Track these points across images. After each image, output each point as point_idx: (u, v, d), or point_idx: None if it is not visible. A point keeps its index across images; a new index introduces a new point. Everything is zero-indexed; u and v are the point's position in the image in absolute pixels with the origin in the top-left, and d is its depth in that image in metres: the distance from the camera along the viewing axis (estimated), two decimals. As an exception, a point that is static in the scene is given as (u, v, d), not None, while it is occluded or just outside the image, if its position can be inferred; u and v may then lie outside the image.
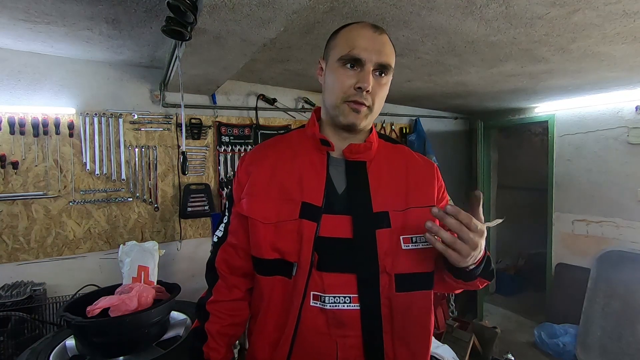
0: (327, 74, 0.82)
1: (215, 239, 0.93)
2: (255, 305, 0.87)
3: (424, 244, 0.79)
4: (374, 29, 0.78)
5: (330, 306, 0.75)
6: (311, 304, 0.76)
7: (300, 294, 0.76)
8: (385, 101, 0.85)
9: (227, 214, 0.92)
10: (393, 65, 0.80)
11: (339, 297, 0.75)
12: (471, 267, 0.73)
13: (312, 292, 0.76)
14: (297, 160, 0.84)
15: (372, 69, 0.76)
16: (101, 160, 2.30)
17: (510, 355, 2.59)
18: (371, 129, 0.89)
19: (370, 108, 0.79)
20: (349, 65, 0.77)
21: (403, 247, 0.79)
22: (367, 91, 0.76)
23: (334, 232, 0.77)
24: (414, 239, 0.80)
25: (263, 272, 0.82)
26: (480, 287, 0.84)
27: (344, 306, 0.75)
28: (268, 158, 0.87)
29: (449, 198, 0.93)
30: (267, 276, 0.81)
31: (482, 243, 0.69)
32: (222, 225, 0.92)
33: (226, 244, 0.89)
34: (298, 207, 0.78)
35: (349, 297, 0.75)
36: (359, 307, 0.75)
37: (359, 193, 0.80)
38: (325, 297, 0.75)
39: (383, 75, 0.79)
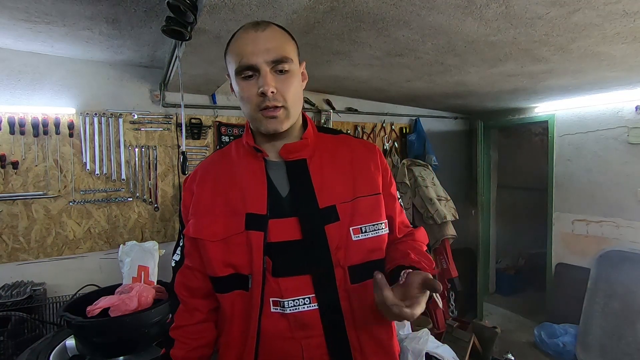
0: (235, 89, 0.81)
1: (173, 264, 0.91)
2: (221, 322, 0.86)
3: (373, 232, 0.81)
4: (254, 28, 0.75)
5: (290, 310, 0.75)
6: (272, 310, 0.76)
7: (258, 303, 0.75)
8: (385, 101, 0.84)
9: (181, 237, 0.90)
10: (290, 55, 0.76)
11: (298, 299, 0.75)
12: None
13: (270, 299, 0.76)
14: (236, 171, 0.84)
15: (268, 69, 0.74)
16: (101, 160, 2.30)
17: (510, 355, 2.59)
18: (306, 123, 0.87)
19: (285, 107, 0.76)
20: (246, 76, 0.75)
21: (353, 238, 0.78)
22: (272, 92, 0.73)
23: (283, 236, 0.77)
24: (363, 229, 0.80)
25: (221, 290, 0.81)
26: None
27: (304, 308, 0.75)
28: (209, 174, 0.86)
29: (394, 183, 0.94)
30: (226, 293, 0.80)
31: (421, 309, 0.66)
32: (179, 249, 0.90)
33: (184, 267, 0.87)
34: (243, 219, 0.77)
35: (308, 298, 0.75)
36: (318, 307, 0.76)
37: (302, 192, 0.79)
38: (284, 301, 0.75)
39: (284, 69, 0.75)
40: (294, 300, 0.75)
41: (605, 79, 2.43)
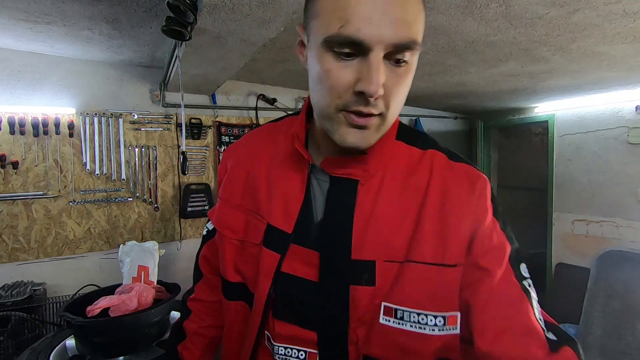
0: (309, 60, 0.52)
1: (204, 232, 0.77)
2: (224, 328, 0.70)
3: (415, 325, 0.51)
4: None
5: (278, 358, 0.57)
6: (265, 343, 0.61)
7: (255, 329, 0.59)
8: None
9: None
10: (420, 37, 0.47)
11: (292, 349, 0.56)
12: None
13: (266, 332, 0.60)
14: (275, 163, 0.62)
15: (382, 55, 0.45)
16: (101, 160, 2.30)
17: (510, 355, 2.58)
18: None
19: (383, 115, 0.49)
20: (341, 52, 0.46)
21: (381, 321, 0.52)
22: (380, 95, 0.46)
23: (297, 269, 0.56)
24: (399, 313, 0.51)
25: (228, 296, 0.66)
26: None
27: None
28: (248, 154, 0.67)
29: (505, 245, 0.54)
30: (232, 300, 0.65)
31: None
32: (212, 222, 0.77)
33: (213, 240, 0.73)
34: (262, 230, 0.59)
35: (304, 352, 0.56)
36: (317, 352, 0.55)
37: (335, 224, 0.55)
38: (274, 346, 0.58)
39: (403, 60, 0.47)
40: (285, 349, 0.57)
41: (605, 79, 2.42)
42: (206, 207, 2.60)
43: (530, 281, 0.55)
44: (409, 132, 0.61)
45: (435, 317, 0.51)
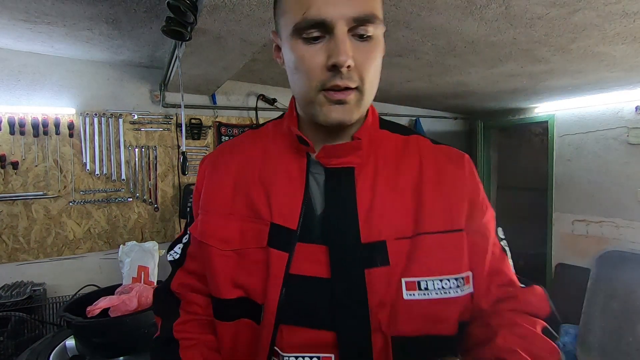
0: (285, 57, 0.57)
1: (171, 258, 0.70)
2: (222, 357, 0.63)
3: (440, 292, 0.53)
4: None
5: None
6: None
7: (268, 344, 0.54)
8: (385, 101, 0.63)
9: (187, 232, 0.68)
10: (378, 12, 0.52)
11: (304, 357, 0.53)
12: None
13: (275, 348, 0.55)
14: (268, 163, 0.61)
15: (346, 29, 0.50)
16: (101, 161, 2.30)
17: (510, 356, 2.59)
18: (366, 114, 0.61)
19: (359, 90, 0.52)
20: (310, 37, 0.50)
21: (405, 297, 0.53)
22: (348, 67, 0.50)
23: (306, 269, 0.54)
24: (423, 284, 0.54)
25: (223, 317, 0.59)
26: None
27: None
28: (233, 160, 0.64)
29: (493, 212, 0.65)
30: (229, 321, 0.58)
31: None
32: (180, 246, 0.69)
33: (183, 269, 0.67)
34: (266, 231, 0.56)
35: (317, 358, 0.53)
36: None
37: (340, 214, 0.56)
38: (283, 357, 0.53)
39: (366, 34, 0.51)
40: (296, 358, 0.53)
41: (605, 79, 2.43)
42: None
43: (505, 242, 0.65)
44: (390, 123, 0.67)
45: (456, 279, 0.55)
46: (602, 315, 2.85)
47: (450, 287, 0.54)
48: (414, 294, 0.53)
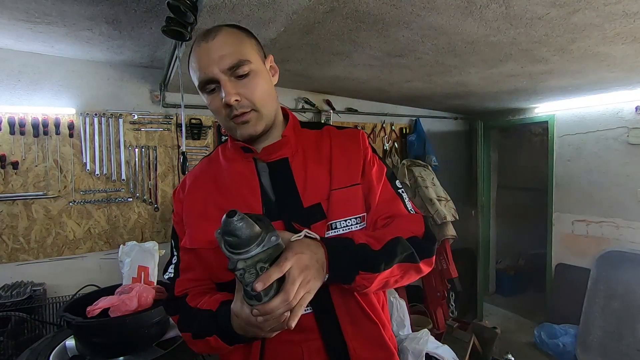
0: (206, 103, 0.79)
1: (165, 278, 0.87)
2: None
3: (345, 229, 0.76)
4: (205, 39, 0.72)
5: None
6: None
7: None
8: (385, 101, 0.82)
9: (175, 253, 0.86)
10: (247, 56, 0.72)
11: None
12: (325, 279, 0.67)
13: None
14: (226, 176, 0.80)
15: (227, 77, 0.71)
16: (101, 161, 2.30)
17: (510, 356, 2.59)
18: (287, 119, 0.84)
19: (255, 110, 0.74)
20: (209, 88, 0.73)
21: (327, 235, 0.74)
22: (236, 100, 0.71)
23: None
24: (334, 225, 0.75)
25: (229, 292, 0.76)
26: (373, 283, 0.70)
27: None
28: (198, 181, 0.84)
29: (382, 167, 0.85)
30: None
31: (309, 269, 0.62)
32: (172, 266, 0.86)
33: (180, 280, 0.83)
34: None
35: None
36: (312, 310, 0.73)
37: (287, 193, 0.76)
38: None
39: (243, 73, 0.71)
40: None
41: (605, 79, 2.43)
42: (206, 208, 2.60)
43: (402, 190, 0.86)
44: (309, 123, 0.91)
45: (354, 218, 0.78)
46: (602, 315, 2.86)
47: (353, 225, 0.77)
48: (329, 234, 0.75)
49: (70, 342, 1.49)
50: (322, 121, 3.05)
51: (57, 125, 2.16)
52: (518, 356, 2.81)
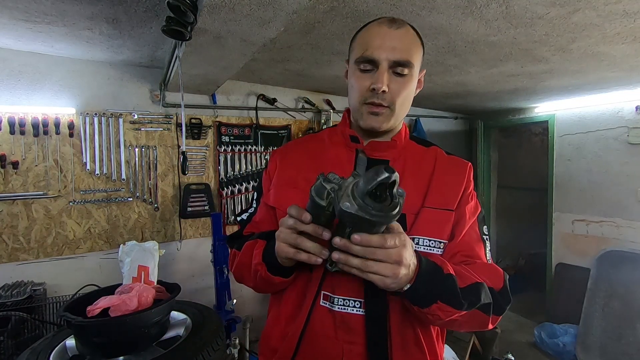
0: (349, 77, 0.82)
1: (239, 219, 0.95)
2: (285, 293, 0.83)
3: (427, 248, 0.75)
4: (389, 24, 0.75)
5: (338, 308, 0.73)
6: (321, 303, 0.74)
7: (314, 291, 0.74)
8: None
9: (254, 205, 0.92)
10: (414, 60, 0.75)
11: (349, 300, 0.73)
12: (406, 288, 0.63)
13: (323, 292, 0.74)
14: (325, 155, 0.85)
15: (387, 67, 0.73)
16: (101, 160, 2.30)
17: (510, 355, 2.59)
18: (400, 128, 0.86)
19: (391, 108, 0.76)
20: (364, 67, 0.75)
21: None
22: (383, 91, 0.73)
23: None
24: (417, 241, 0.74)
25: None
26: (448, 317, 0.67)
27: (352, 310, 0.73)
28: (297, 152, 0.89)
29: (478, 207, 0.84)
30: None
31: (406, 254, 0.60)
32: (247, 214, 0.93)
33: (250, 225, 0.90)
34: None
35: (359, 302, 0.72)
36: (364, 314, 0.72)
37: None
38: (334, 297, 0.73)
39: (402, 73, 0.74)
40: (344, 300, 0.73)
41: (606, 79, 2.43)
42: (206, 207, 2.60)
43: (487, 237, 0.84)
44: (417, 138, 0.91)
45: (440, 242, 0.77)
46: (602, 315, 2.86)
47: (434, 247, 0.76)
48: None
49: (71, 342, 1.49)
50: (322, 121, 3.05)
51: (57, 124, 2.16)
52: (518, 356, 2.81)
